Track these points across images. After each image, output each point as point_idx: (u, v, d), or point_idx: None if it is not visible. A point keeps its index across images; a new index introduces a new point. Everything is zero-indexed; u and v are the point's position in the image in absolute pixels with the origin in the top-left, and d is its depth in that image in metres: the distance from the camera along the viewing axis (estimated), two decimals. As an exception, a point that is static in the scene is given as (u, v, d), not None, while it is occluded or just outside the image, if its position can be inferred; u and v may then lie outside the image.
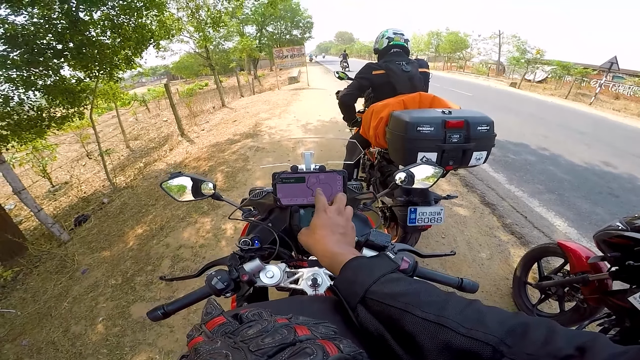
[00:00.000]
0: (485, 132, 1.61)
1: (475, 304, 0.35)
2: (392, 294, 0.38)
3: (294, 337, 0.30)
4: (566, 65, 15.91)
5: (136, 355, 1.90)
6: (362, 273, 0.44)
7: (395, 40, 2.26)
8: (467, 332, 0.31)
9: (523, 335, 0.29)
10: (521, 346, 0.28)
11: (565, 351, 0.26)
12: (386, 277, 0.42)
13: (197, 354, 0.28)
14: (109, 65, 4.43)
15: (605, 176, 4.17)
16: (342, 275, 0.46)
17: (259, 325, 0.32)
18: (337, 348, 0.29)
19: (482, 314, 0.33)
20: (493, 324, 0.31)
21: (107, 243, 3.27)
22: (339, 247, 0.52)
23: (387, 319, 0.37)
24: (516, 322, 0.31)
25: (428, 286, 0.40)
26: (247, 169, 4.34)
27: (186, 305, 0.68)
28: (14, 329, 2.35)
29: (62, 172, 7.34)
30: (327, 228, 0.56)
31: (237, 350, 0.28)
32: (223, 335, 0.33)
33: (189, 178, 0.89)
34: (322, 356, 0.27)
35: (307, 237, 0.58)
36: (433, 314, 0.34)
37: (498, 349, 0.29)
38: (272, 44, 23.09)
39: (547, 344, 0.27)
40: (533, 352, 0.27)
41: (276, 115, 7.49)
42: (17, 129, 3.63)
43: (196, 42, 12.28)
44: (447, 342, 0.31)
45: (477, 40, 31.73)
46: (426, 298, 0.37)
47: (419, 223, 1.77)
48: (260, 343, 0.29)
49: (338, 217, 0.59)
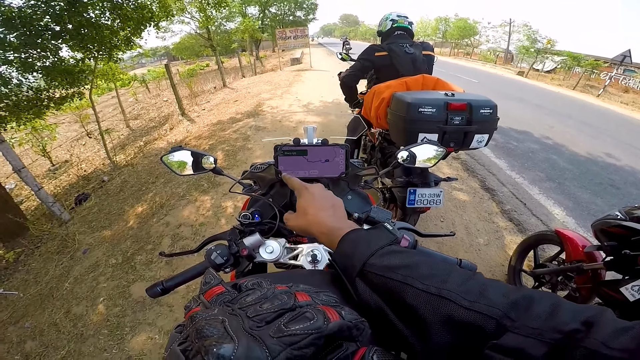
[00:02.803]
0: (488, 115, 1.59)
1: (477, 276, 0.34)
2: (392, 267, 0.37)
3: (294, 303, 0.29)
4: (577, 56, 15.58)
5: (136, 335, 1.92)
6: (360, 245, 0.43)
7: (399, 22, 2.23)
8: (470, 305, 0.30)
9: (527, 309, 0.28)
10: (525, 320, 0.27)
11: (571, 325, 0.25)
12: (385, 249, 0.41)
13: (192, 322, 0.27)
14: (108, 46, 4.39)
15: (608, 168, 4.14)
16: (339, 249, 0.45)
17: (258, 292, 0.32)
18: (339, 315, 0.28)
19: (484, 286, 0.32)
20: (496, 297, 0.30)
21: (108, 222, 3.28)
22: (335, 222, 0.51)
23: (387, 292, 0.36)
24: (520, 295, 0.30)
25: (428, 259, 0.38)
26: (247, 147, 4.32)
27: (185, 280, 0.67)
28: (16, 311, 2.36)
29: (62, 151, 7.32)
30: (317, 205, 0.54)
31: (234, 317, 0.27)
32: (221, 304, 0.31)
33: (189, 152, 0.88)
34: (323, 321, 0.26)
35: (297, 220, 0.56)
36: (434, 287, 0.33)
37: (501, 323, 0.28)
38: (274, 25, 22.52)
39: (551, 317, 0.27)
40: (537, 326, 0.26)
41: (278, 96, 7.40)
42: (15, 110, 3.64)
43: (199, 22, 11.97)
44: (450, 315, 0.31)
45: (486, 27, 30.80)
46: (427, 271, 0.36)
47: (418, 205, 1.77)
48: (259, 309, 0.28)
49: (323, 191, 0.57)
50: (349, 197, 0.88)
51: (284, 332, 0.25)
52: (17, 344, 2.05)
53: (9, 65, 3.60)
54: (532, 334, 0.26)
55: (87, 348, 1.91)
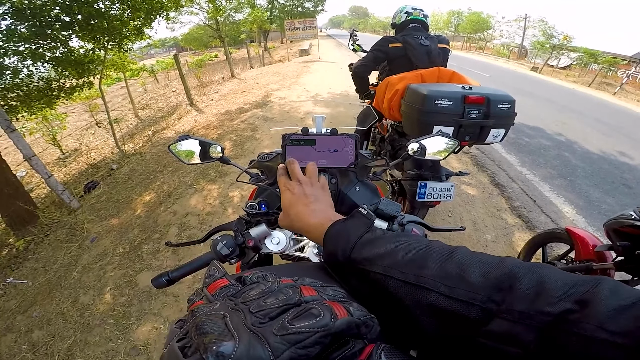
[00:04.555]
0: (506, 110, 1.56)
1: (455, 255, 0.32)
2: (371, 258, 0.36)
3: (299, 298, 0.27)
4: (594, 53, 15.11)
5: (142, 325, 1.93)
6: (341, 240, 0.41)
7: (414, 15, 2.21)
8: (450, 292, 0.28)
9: (510, 289, 0.26)
10: (511, 302, 0.25)
11: (562, 305, 0.22)
12: (362, 239, 0.39)
13: (193, 316, 0.26)
14: (118, 37, 4.40)
15: (621, 167, 4.04)
16: (325, 248, 0.43)
17: (262, 286, 0.30)
18: (347, 311, 0.26)
19: (463, 267, 0.29)
20: (476, 278, 0.28)
21: (116, 210, 3.32)
22: (315, 218, 0.49)
23: (373, 285, 0.35)
24: (501, 273, 0.27)
25: (406, 240, 0.36)
26: (255, 137, 4.32)
27: (191, 271, 0.67)
28: (25, 300, 2.38)
29: (71, 140, 7.42)
30: (298, 203, 0.52)
31: (236, 312, 0.26)
32: (224, 298, 0.30)
33: (197, 141, 0.87)
34: (330, 318, 0.25)
35: (284, 220, 0.54)
36: (413, 274, 0.31)
37: (486, 308, 0.26)
38: (283, 16, 22.32)
39: (539, 297, 0.24)
40: (525, 309, 0.24)
41: (286, 87, 7.36)
42: (26, 99, 3.69)
43: (207, 12, 11.91)
44: (432, 304, 0.29)
45: (500, 22, 30.16)
46: (404, 256, 0.34)
47: (428, 199, 1.74)
48: (262, 304, 0.27)
49: (303, 187, 0.54)
50: (357, 188, 0.86)
51: (289, 330, 0.23)
52: (24, 334, 2.07)
53: (20, 56, 3.65)
54: (519, 318, 0.24)
55: (93, 338, 1.93)
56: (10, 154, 5.78)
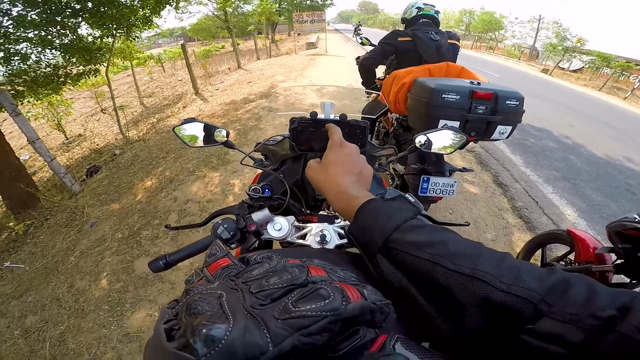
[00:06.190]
0: (514, 107, 1.54)
1: (508, 257, 0.32)
2: (417, 243, 0.34)
3: (306, 278, 0.24)
4: (607, 57, 14.91)
5: (136, 312, 1.91)
6: (381, 218, 0.39)
7: (425, 10, 2.21)
8: (507, 288, 0.28)
9: (563, 294, 0.27)
10: (562, 305, 0.26)
11: (608, 312, 0.24)
12: (408, 223, 0.37)
13: (187, 295, 0.23)
14: (126, 25, 4.40)
15: (626, 172, 3.99)
16: (357, 221, 0.41)
17: (266, 265, 0.27)
18: (361, 294, 0.23)
19: (518, 269, 0.30)
20: (532, 281, 0.28)
21: (117, 195, 3.32)
22: (355, 189, 0.46)
23: (414, 271, 0.34)
24: (555, 279, 0.28)
25: (454, 235, 0.36)
26: (259, 127, 4.33)
27: (189, 255, 0.65)
28: (21, 284, 2.35)
29: (76, 125, 7.47)
30: (344, 165, 0.49)
31: (234, 292, 0.23)
32: (225, 278, 0.27)
33: (202, 125, 0.87)
34: (341, 301, 0.21)
35: (317, 172, 0.51)
36: (467, 267, 0.31)
37: (539, 308, 0.27)
38: (291, 9, 22.18)
39: (588, 303, 0.25)
40: (575, 312, 0.25)
41: (292, 79, 7.35)
42: (33, 85, 3.70)
43: (217, 3, 11.85)
44: (486, 296, 0.29)
45: (513, 22, 29.72)
46: (455, 249, 0.33)
47: (431, 194, 1.73)
48: (264, 283, 0.23)
49: (357, 155, 0.52)
50: None
51: (292, 313, 0.20)
52: (17, 319, 2.05)
53: (29, 43, 3.66)
54: (570, 319, 0.25)
55: (87, 324, 1.91)
56: (14, 139, 5.81)
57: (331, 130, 0.56)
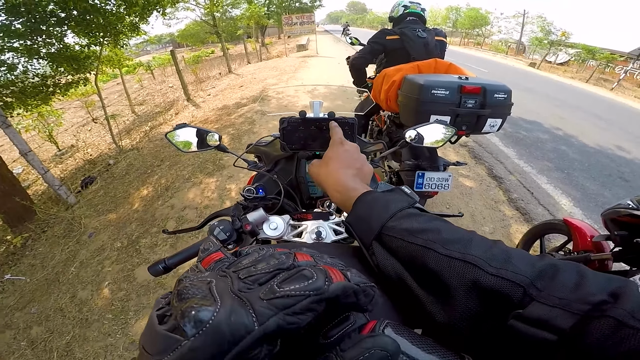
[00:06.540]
0: (502, 100, 1.57)
1: (499, 243, 0.33)
2: (411, 230, 0.36)
3: (292, 262, 0.25)
4: (592, 49, 15.21)
5: (140, 320, 1.92)
6: (377, 207, 0.40)
7: (411, 8, 2.23)
8: (497, 272, 0.29)
9: (553, 278, 0.27)
10: (551, 290, 0.26)
11: (598, 297, 0.24)
12: (403, 211, 0.39)
13: (179, 284, 0.24)
14: (113, 32, 4.38)
15: (617, 160, 4.07)
16: (355, 211, 0.43)
17: (255, 254, 0.28)
18: (344, 276, 0.24)
19: (509, 254, 0.30)
20: (522, 265, 0.29)
21: (113, 205, 3.29)
22: (354, 182, 0.48)
23: (407, 256, 0.35)
24: (545, 264, 0.29)
25: (448, 224, 0.37)
26: (253, 131, 4.33)
27: (188, 257, 0.66)
28: (23, 296, 2.35)
29: (68, 136, 7.37)
30: (343, 161, 0.52)
31: (223, 278, 0.24)
32: (218, 270, 0.28)
33: (194, 129, 0.87)
34: (324, 281, 0.22)
35: (318, 168, 0.54)
36: (458, 252, 0.32)
37: (528, 292, 0.27)
38: (281, 12, 22.20)
39: (578, 288, 0.25)
40: (564, 297, 0.25)
41: (284, 81, 7.38)
42: (21, 96, 3.67)
43: (204, 8, 11.82)
44: (475, 280, 0.29)
45: (498, 18, 30.19)
46: (448, 235, 0.34)
47: (426, 189, 1.75)
48: (252, 269, 0.24)
49: (357, 153, 0.54)
50: None
51: (276, 294, 0.21)
52: (23, 330, 2.05)
53: (15, 53, 3.63)
54: (559, 304, 0.25)
55: (92, 333, 1.92)
56: (6, 152, 5.73)
57: (333, 129, 0.58)
